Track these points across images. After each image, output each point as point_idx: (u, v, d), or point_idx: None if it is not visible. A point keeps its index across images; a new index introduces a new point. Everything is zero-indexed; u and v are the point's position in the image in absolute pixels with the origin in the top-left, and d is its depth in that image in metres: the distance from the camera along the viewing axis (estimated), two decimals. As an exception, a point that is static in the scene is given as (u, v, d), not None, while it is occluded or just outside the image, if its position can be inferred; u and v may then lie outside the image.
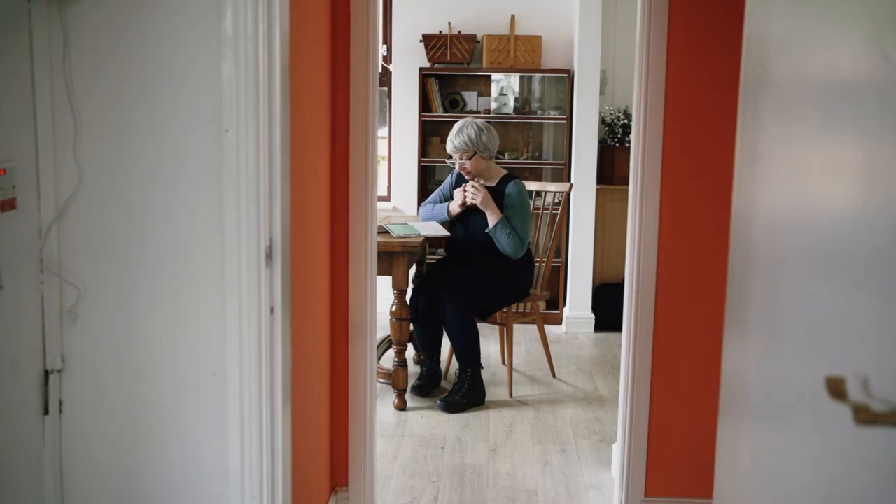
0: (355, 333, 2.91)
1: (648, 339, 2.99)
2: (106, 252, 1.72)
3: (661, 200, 2.89)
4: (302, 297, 2.37)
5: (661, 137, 2.84)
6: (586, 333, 5.73)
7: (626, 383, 3.05)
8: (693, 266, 2.92)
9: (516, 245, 4.20)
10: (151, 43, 1.64)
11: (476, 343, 4.20)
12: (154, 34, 1.66)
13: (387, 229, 4.14)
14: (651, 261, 2.92)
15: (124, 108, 1.66)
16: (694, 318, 2.94)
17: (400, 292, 4.05)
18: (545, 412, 4.14)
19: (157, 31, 1.65)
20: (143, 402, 1.74)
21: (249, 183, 1.66)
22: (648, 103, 2.81)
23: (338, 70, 2.83)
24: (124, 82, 1.67)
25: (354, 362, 2.98)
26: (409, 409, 4.15)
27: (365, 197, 2.86)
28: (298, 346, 2.29)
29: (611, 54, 5.93)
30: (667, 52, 2.81)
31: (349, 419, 3.05)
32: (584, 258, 5.68)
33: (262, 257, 1.70)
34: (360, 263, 2.88)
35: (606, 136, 5.83)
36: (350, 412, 3.04)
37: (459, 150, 4.24)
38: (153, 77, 1.65)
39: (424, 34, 5.83)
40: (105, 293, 1.73)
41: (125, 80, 1.66)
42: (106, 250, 1.71)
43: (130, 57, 1.66)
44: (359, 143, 2.82)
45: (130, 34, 1.66)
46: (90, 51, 1.66)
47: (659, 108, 2.82)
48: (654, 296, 2.96)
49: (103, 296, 1.73)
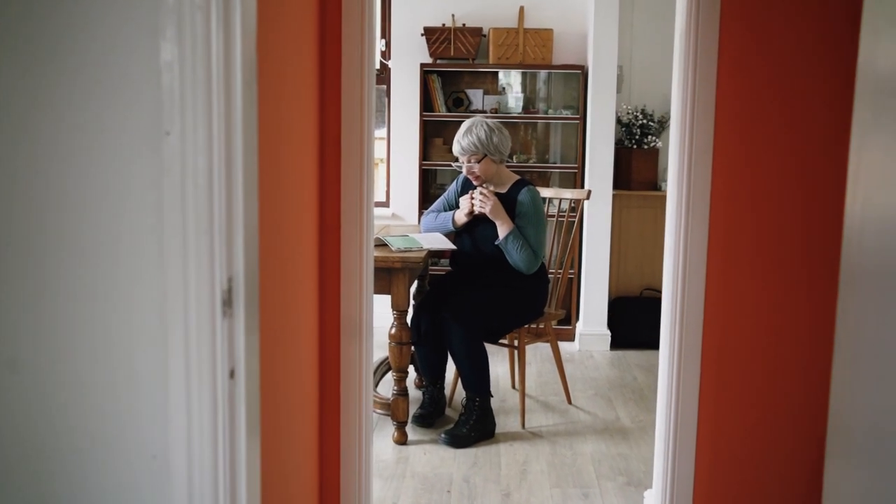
0: (349, 370, 2.47)
1: (694, 364, 2.55)
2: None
3: (712, 207, 2.45)
4: (280, 340, 1.93)
5: (712, 133, 2.40)
6: (601, 351, 5.29)
7: (667, 418, 2.62)
8: (750, 279, 2.48)
9: (529, 259, 3.76)
10: (56, 10, 1.19)
11: (485, 369, 3.76)
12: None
13: (385, 242, 3.70)
14: (698, 273, 2.48)
15: (20, 104, 1.21)
16: (752, 340, 2.51)
17: (400, 313, 3.60)
18: (562, 447, 3.70)
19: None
20: (56, 499, 1.29)
21: (199, 204, 1.23)
22: (697, 97, 2.37)
23: (327, 63, 2.39)
24: (18, 69, 1.22)
25: (348, 400, 2.54)
26: (411, 443, 3.70)
27: (359, 209, 2.42)
28: (273, 404, 1.85)
29: (627, 49, 5.49)
30: (719, 38, 2.37)
31: (341, 460, 2.62)
32: (599, 270, 5.24)
33: (217, 304, 1.26)
34: (354, 285, 2.44)
35: (623, 137, 5.39)
36: (342, 452, 2.60)
37: (467, 152, 3.79)
38: (61, 61, 1.20)
39: (426, 27, 5.39)
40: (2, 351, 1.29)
41: (18, 66, 1.21)
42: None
43: (25, 28, 1.21)
44: (352, 147, 2.38)
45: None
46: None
47: (709, 103, 2.39)
48: (703, 314, 2.52)
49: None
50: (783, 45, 2.38)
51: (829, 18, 2.34)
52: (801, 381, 2.49)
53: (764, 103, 2.41)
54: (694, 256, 2.49)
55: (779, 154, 2.41)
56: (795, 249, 2.45)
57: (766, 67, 2.39)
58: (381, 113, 5.70)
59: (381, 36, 5.70)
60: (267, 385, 1.68)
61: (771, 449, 2.54)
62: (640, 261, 5.40)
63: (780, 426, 2.52)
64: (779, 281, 2.46)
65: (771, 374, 2.50)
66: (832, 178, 2.37)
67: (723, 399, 2.56)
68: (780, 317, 2.48)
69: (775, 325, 2.48)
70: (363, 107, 2.42)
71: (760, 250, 2.47)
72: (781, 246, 2.46)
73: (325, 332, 2.45)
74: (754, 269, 2.48)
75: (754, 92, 2.41)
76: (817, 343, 2.45)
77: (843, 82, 2.34)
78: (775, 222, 2.44)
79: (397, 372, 3.66)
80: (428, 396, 4.00)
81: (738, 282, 2.49)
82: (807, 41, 2.36)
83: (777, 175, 2.42)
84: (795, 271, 2.45)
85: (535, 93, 5.62)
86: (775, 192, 2.43)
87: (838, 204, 2.24)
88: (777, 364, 2.50)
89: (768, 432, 2.53)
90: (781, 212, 2.44)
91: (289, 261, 2.00)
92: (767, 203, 2.44)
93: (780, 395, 2.50)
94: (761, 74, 2.40)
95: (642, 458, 3.55)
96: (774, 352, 2.50)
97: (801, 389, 2.49)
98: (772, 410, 2.52)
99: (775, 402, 2.51)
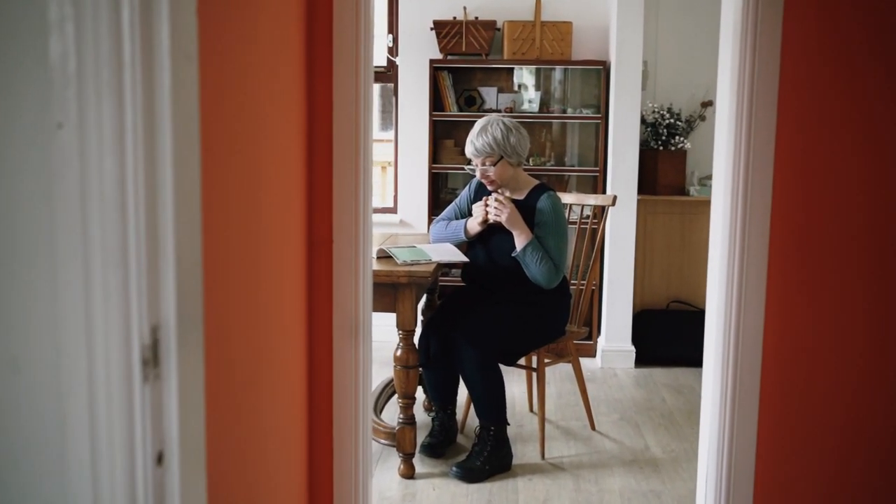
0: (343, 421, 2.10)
1: (752, 394, 2.17)
2: None
3: (773, 212, 2.08)
4: (245, 397, 1.56)
5: (774, 129, 2.03)
6: (625, 369, 4.90)
7: (716, 454, 2.24)
8: (823, 293, 2.10)
9: (550, 272, 3.38)
10: None
11: (500, 396, 3.38)
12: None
13: (389, 254, 3.33)
14: (758, 284, 2.11)
15: None
16: (826, 364, 2.12)
17: (406, 333, 3.23)
18: (587, 481, 3.32)
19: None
20: None
21: (108, 223, 0.87)
22: (755, 87, 2.00)
23: (316, 55, 2.03)
24: None
25: (341, 458, 2.17)
26: (419, 477, 3.33)
27: (355, 221, 2.05)
28: (233, 487, 1.49)
29: (653, 42, 5.11)
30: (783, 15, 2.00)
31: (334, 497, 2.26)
32: (622, 281, 4.86)
33: (135, 364, 0.90)
34: (349, 313, 2.07)
35: (650, 137, 5.00)
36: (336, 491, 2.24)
37: (482, 153, 3.41)
38: None
39: (436, 21, 5.02)
40: None
41: None
42: None
43: None
44: (345, 151, 2.01)
45: None
46: None
47: (770, 93, 2.01)
48: (762, 334, 2.14)
49: None
50: (853, 25, 2.00)
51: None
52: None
53: (831, 92, 2.03)
54: (752, 268, 2.11)
55: (853, 153, 2.03)
56: (872, 261, 2.07)
57: (833, 52, 2.02)
58: (389, 113, 5.34)
59: (388, 31, 5.34)
60: (222, 462, 1.31)
61: (858, 491, 2.16)
62: (667, 271, 5.02)
63: (864, 481, 2.13)
64: (856, 293, 2.08)
65: (855, 411, 2.12)
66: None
67: (788, 436, 2.17)
68: (858, 340, 2.10)
69: (855, 344, 2.10)
70: (358, 105, 2.06)
71: (831, 259, 2.09)
72: (863, 256, 2.07)
73: (314, 374, 2.09)
74: (825, 284, 2.10)
75: (820, 80, 2.03)
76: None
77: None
78: (852, 229, 2.06)
79: (403, 398, 3.29)
80: (438, 423, 3.63)
81: (806, 298, 2.11)
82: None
83: (853, 176, 2.04)
84: (875, 286, 2.07)
85: (553, 90, 5.24)
86: (851, 195, 2.05)
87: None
88: (862, 398, 2.11)
89: (849, 489, 2.14)
90: (859, 218, 2.06)
91: (262, 288, 1.63)
92: (840, 208, 2.06)
93: (865, 443, 2.11)
94: (828, 61, 2.02)
95: (677, 496, 3.16)
96: (857, 383, 2.11)
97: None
98: (854, 460, 2.13)
99: (858, 449, 2.12)
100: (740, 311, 2.16)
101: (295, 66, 1.88)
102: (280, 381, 1.83)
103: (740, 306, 2.16)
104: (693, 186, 5.02)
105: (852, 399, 2.11)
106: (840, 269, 2.08)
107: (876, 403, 2.10)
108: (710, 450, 2.32)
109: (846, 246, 2.08)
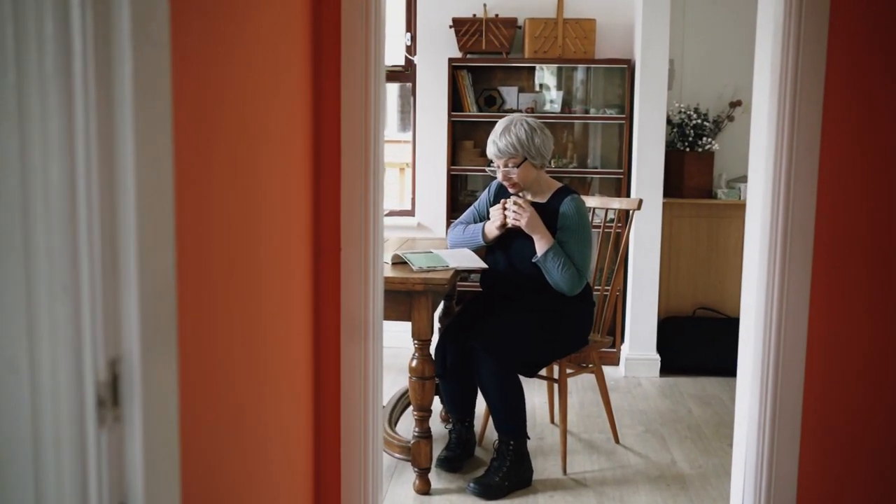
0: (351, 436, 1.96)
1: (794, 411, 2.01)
2: None
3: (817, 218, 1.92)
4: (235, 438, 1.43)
5: (819, 129, 1.86)
6: (650, 378, 4.73)
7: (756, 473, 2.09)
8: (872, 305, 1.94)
9: (572, 279, 3.22)
10: None
11: (520, 408, 3.22)
12: None
13: (405, 260, 3.19)
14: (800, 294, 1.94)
15: None
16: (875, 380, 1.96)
17: (422, 343, 3.09)
18: (611, 498, 3.16)
19: None
20: None
21: (53, 238, 0.73)
22: (799, 85, 1.83)
23: (324, 53, 1.89)
24: None
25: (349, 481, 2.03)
26: (434, 493, 3.19)
27: (365, 227, 1.91)
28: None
29: (679, 40, 4.93)
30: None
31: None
32: (647, 287, 4.69)
33: (88, 406, 0.76)
34: (357, 326, 1.93)
35: (676, 138, 4.83)
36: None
37: (504, 154, 3.26)
38: None
39: (455, 18, 4.88)
40: None
41: None
42: None
43: None
44: (354, 153, 1.87)
45: None
46: None
47: (815, 90, 1.85)
48: (805, 346, 1.98)
49: None
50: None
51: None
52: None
53: (881, 92, 1.87)
54: (793, 277, 1.95)
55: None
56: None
57: (882, 48, 1.85)
58: (407, 114, 5.20)
59: (406, 29, 5.20)
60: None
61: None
62: (694, 276, 4.84)
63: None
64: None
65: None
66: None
67: (834, 457, 2.01)
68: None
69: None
70: (368, 105, 1.92)
71: (879, 269, 1.92)
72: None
73: (320, 387, 1.95)
74: (872, 295, 1.93)
75: (868, 79, 1.87)
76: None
77: None
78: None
79: (419, 411, 3.14)
80: (455, 436, 3.48)
81: (853, 309, 1.95)
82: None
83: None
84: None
85: (575, 90, 5.08)
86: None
87: None
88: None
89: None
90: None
91: (264, 302, 1.49)
92: (889, 214, 1.89)
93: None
94: (876, 58, 1.86)
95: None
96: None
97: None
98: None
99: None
100: (781, 322, 2.01)
101: (300, 63, 1.75)
102: (283, 400, 1.69)
103: (780, 317, 2.00)
104: (721, 189, 4.84)
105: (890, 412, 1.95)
106: (889, 279, 1.92)
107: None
108: (746, 470, 2.18)
109: (894, 255, 1.92)
